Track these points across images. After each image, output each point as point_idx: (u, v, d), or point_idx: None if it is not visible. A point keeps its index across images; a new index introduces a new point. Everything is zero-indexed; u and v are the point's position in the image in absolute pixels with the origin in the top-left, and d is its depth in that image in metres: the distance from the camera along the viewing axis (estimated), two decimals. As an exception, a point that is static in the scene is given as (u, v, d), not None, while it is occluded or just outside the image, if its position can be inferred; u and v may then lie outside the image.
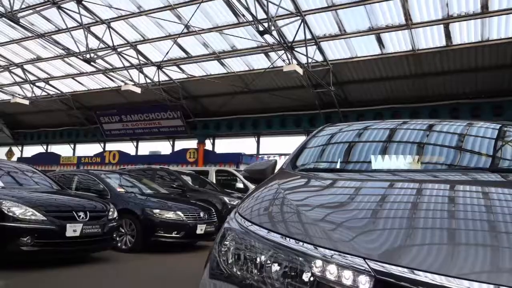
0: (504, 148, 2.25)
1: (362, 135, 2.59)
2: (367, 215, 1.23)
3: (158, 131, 21.47)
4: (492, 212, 1.19)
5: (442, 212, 1.20)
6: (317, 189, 1.63)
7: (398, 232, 1.08)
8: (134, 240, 7.27)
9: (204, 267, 1.37)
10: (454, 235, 1.03)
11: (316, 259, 1.02)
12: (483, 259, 0.91)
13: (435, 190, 1.49)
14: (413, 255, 0.95)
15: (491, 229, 1.04)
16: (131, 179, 9.36)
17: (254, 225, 1.25)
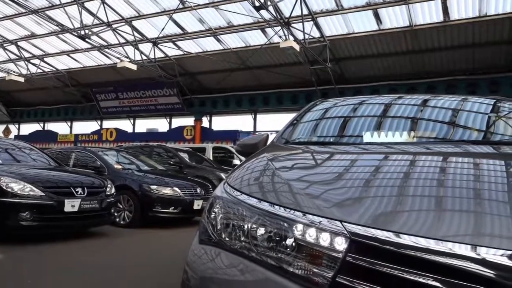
0: (496, 122, 2.31)
1: (354, 110, 2.64)
2: (351, 183, 1.29)
3: (155, 108, 21.44)
4: (479, 181, 1.23)
5: (426, 180, 1.26)
6: (304, 160, 1.69)
7: (379, 199, 1.14)
8: (132, 216, 7.39)
9: (195, 235, 1.45)
10: (436, 202, 1.09)
11: (297, 224, 1.08)
12: (460, 224, 0.97)
13: (422, 160, 1.54)
14: (390, 219, 1.01)
15: (476, 197, 1.09)
16: (128, 156, 9.43)
17: (242, 194, 1.32)
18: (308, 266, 1.02)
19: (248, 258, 1.14)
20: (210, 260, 1.26)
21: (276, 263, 1.07)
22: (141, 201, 7.39)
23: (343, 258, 0.96)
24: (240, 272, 1.13)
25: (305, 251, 1.04)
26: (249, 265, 1.12)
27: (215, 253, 1.26)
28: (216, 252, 1.26)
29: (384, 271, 0.91)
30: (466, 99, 2.52)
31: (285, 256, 1.06)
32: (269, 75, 17.45)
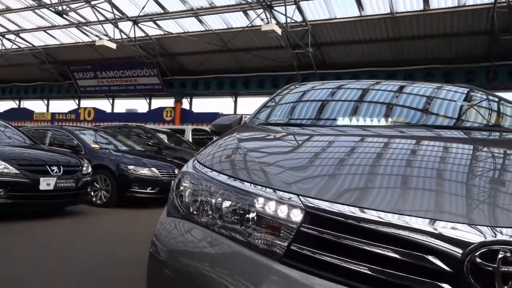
0: (465, 109, 2.42)
1: (326, 94, 2.71)
2: (313, 161, 1.36)
3: (134, 89, 21.16)
4: (444, 162, 1.30)
5: (388, 161, 1.33)
6: (272, 139, 1.76)
7: (339, 176, 1.21)
8: (109, 195, 7.40)
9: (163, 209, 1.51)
10: (393, 179, 1.16)
11: (259, 197, 1.15)
12: (412, 200, 1.04)
13: (389, 142, 1.60)
14: (344, 193, 1.09)
15: (438, 177, 1.16)
16: (106, 135, 9.36)
17: (209, 170, 1.38)
18: (267, 237, 1.09)
19: (214, 230, 1.21)
20: (179, 233, 1.32)
21: (240, 235, 1.14)
22: (118, 181, 7.39)
23: (297, 228, 1.04)
24: (208, 245, 1.20)
25: (265, 223, 1.11)
26: (216, 237, 1.19)
27: (183, 226, 1.32)
28: (184, 225, 1.32)
29: (333, 240, 0.99)
30: (438, 87, 2.62)
31: (248, 228, 1.13)
32: (251, 58, 17.39)
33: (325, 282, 0.95)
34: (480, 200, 1.02)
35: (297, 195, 1.10)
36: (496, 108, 2.48)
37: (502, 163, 1.33)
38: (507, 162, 1.35)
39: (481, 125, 2.20)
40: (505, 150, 1.51)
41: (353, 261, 0.95)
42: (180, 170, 1.50)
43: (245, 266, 1.07)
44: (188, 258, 1.21)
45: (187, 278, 1.17)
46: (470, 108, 2.44)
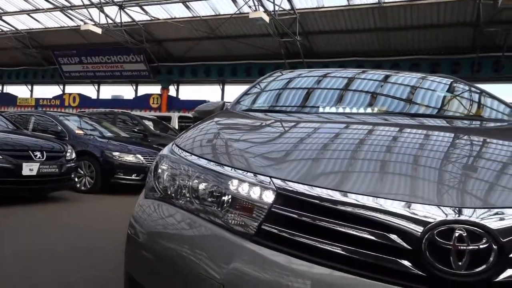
0: (446, 99, 2.48)
1: (309, 82, 2.75)
2: (288, 146, 1.40)
3: (121, 75, 20.92)
4: (416, 148, 1.34)
5: (363, 146, 1.37)
6: (250, 124, 1.79)
7: (312, 159, 1.25)
8: (93, 182, 7.37)
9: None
10: (365, 164, 1.20)
11: (233, 179, 1.19)
12: (379, 182, 1.09)
13: (366, 129, 1.64)
14: (316, 176, 1.13)
15: (414, 162, 1.20)
16: (91, 122, 9.28)
17: (187, 153, 1.41)
18: (241, 217, 1.13)
19: (192, 212, 1.24)
20: (158, 215, 1.34)
21: (216, 216, 1.17)
22: (103, 168, 7.37)
23: (269, 209, 1.08)
24: (185, 226, 1.23)
25: (239, 204, 1.15)
26: (193, 219, 1.22)
27: (161, 208, 1.35)
28: (162, 207, 1.35)
29: (301, 220, 1.03)
30: (421, 77, 2.67)
31: (223, 210, 1.17)
32: (238, 45, 17.31)
33: (292, 259, 0.99)
34: (443, 184, 1.07)
35: (270, 177, 1.14)
36: (475, 99, 2.55)
37: (473, 150, 1.39)
38: (479, 149, 1.41)
39: (460, 114, 2.26)
40: (479, 138, 1.57)
41: (318, 239, 1.00)
42: (158, 154, 1.53)
43: (219, 246, 1.11)
44: (166, 240, 1.24)
45: (166, 260, 1.21)
46: (450, 98, 2.50)
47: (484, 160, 1.25)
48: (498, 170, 1.16)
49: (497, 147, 1.44)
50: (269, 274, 1.00)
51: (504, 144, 1.49)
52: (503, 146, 1.46)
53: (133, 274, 1.33)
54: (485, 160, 1.25)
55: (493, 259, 0.90)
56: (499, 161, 1.25)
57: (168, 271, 1.18)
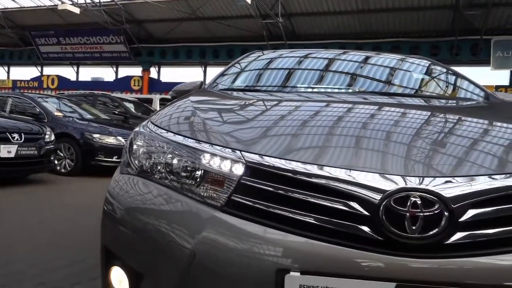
0: (419, 80, 2.55)
1: (289, 62, 2.78)
2: (259, 123, 1.45)
3: (100, 56, 20.53)
4: (386, 124, 1.39)
5: (333, 122, 1.42)
6: (224, 102, 1.83)
7: (282, 134, 1.30)
8: (74, 164, 7.32)
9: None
10: (333, 139, 1.26)
11: (205, 154, 1.23)
12: (343, 155, 1.15)
13: (338, 107, 1.69)
14: (283, 149, 1.18)
15: (376, 137, 1.25)
16: (70, 104, 9.15)
17: (161, 129, 1.44)
18: (213, 189, 1.17)
19: (166, 186, 1.28)
20: (133, 190, 1.37)
21: (189, 189, 1.22)
22: (83, 150, 7.31)
23: (238, 180, 1.13)
24: (161, 199, 1.26)
25: (210, 177, 1.20)
26: (167, 192, 1.26)
27: (137, 183, 1.38)
28: (139, 182, 1.38)
29: (268, 190, 1.09)
30: (397, 58, 2.73)
31: (196, 183, 1.21)
32: (220, 27, 17.13)
33: (257, 227, 1.05)
34: (402, 156, 1.14)
35: (240, 151, 1.19)
36: (447, 80, 2.62)
37: (436, 126, 1.45)
38: (441, 125, 1.47)
39: (430, 93, 2.34)
40: (445, 115, 1.63)
41: (284, 208, 1.05)
42: (133, 131, 1.56)
43: (191, 217, 1.16)
44: (141, 213, 1.28)
45: (140, 231, 1.25)
46: (423, 78, 2.58)
47: (444, 135, 1.32)
48: (454, 143, 1.23)
49: (459, 123, 1.52)
50: (236, 241, 1.05)
51: (466, 120, 1.57)
52: (465, 123, 1.54)
53: (109, 247, 1.37)
54: (444, 135, 1.32)
55: (444, 224, 0.97)
56: (457, 135, 1.32)
57: (143, 242, 1.23)
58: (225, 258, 1.05)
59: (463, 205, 0.99)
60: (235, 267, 1.03)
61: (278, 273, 0.99)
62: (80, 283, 2.38)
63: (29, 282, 2.34)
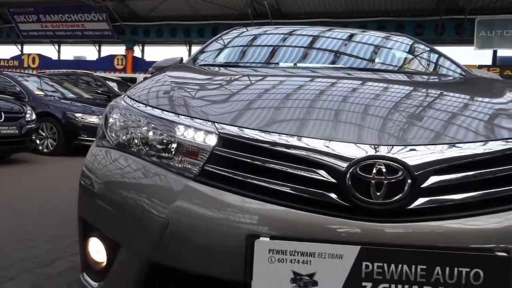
0: (406, 57, 2.58)
1: (269, 39, 2.78)
2: (235, 95, 1.47)
3: (82, 34, 20.10)
4: (366, 98, 1.40)
5: (307, 95, 1.44)
6: (201, 77, 1.84)
7: (256, 107, 1.32)
8: (56, 144, 7.26)
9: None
10: (306, 110, 1.28)
11: (180, 125, 1.25)
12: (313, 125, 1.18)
13: (316, 82, 1.71)
14: (255, 120, 1.21)
15: (354, 110, 1.27)
16: (51, 83, 9.00)
17: (136, 102, 1.45)
18: (187, 160, 1.20)
19: (141, 158, 1.29)
20: (109, 163, 1.38)
21: (164, 160, 1.23)
22: (65, 129, 7.25)
23: (211, 151, 1.15)
24: (137, 171, 1.27)
25: (185, 148, 1.22)
26: (143, 164, 1.27)
27: (113, 156, 1.38)
28: (114, 154, 1.39)
29: (241, 160, 1.11)
30: (380, 36, 2.75)
31: (171, 154, 1.23)
32: (205, 5, 16.87)
33: (229, 195, 1.08)
34: (368, 126, 1.17)
35: (213, 122, 1.21)
36: (426, 57, 2.66)
37: (407, 98, 1.48)
38: (412, 98, 1.50)
39: (407, 69, 2.39)
40: (417, 89, 1.66)
41: (254, 177, 1.08)
42: (109, 105, 1.56)
43: (165, 186, 1.18)
44: (117, 185, 1.29)
45: (117, 202, 1.26)
46: (401, 54, 2.61)
47: (413, 107, 1.36)
48: (422, 114, 1.27)
49: (430, 97, 1.55)
50: (208, 209, 1.08)
51: (438, 94, 1.61)
52: (436, 96, 1.58)
53: (86, 218, 1.39)
54: (414, 107, 1.36)
55: (407, 190, 1.01)
56: (427, 107, 1.36)
57: (119, 212, 1.25)
58: (197, 225, 1.08)
59: (425, 172, 1.03)
60: (206, 235, 1.07)
61: (249, 238, 1.03)
62: (63, 258, 2.40)
63: (10, 258, 2.35)
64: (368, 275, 0.99)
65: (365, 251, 0.99)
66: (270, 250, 1.01)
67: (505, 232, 1.02)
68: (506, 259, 0.98)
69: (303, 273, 1.00)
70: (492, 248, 1.00)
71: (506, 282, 0.98)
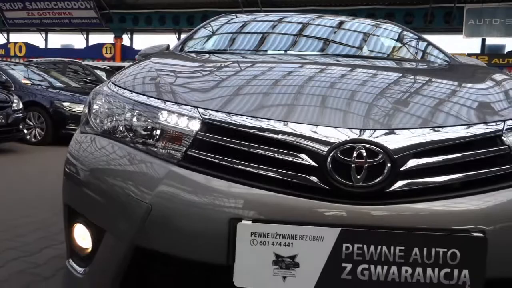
0: (393, 44, 2.59)
1: (257, 26, 2.77)
2: (220, 81, 1.47)
3: (69, 22, 19.78)
4: (350, 84, 1.42)
5: (292, 81, 1.44)
6: (185, 63, 1.83)
7: (239, 93, 1.33)
8: (44, 133, 7.20)
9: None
10: (288, 96, 1.29)
11: (163, 111, 1.25)
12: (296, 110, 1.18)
13: (299, 68, 1.71)
14: (238, 105, 1.22)
15: (337, 96, 1.28)
16: (39, 71, 8.89)
17: (121, 89, 1.44)
18: (170, 146, 1.20)
19: (126, 144, 1.29)
20: (93, 149, 1.37)
21: (148, 146, 1.24)
22: (53, 119, 7.19)
23: (194, 136, 1.16)
24: (121, 157, 1.26)
25: (169, 133, 1.22)
26: (127, 150, 1.27)
27: (98, 142, 1.37)
28: (99, 141, 1.38)
29: (223, 145, 1.12)
30: (362, 22, 2.76)
31: (155, 140, 1.23)
32: (194, -8, 16.71)
33: (212, 179, 1.09)
34: (351, 111, 1.18)
35: (196, 107, 1.21)
36: (411, 43, 2.68)
37: (390, 84, 1.49)
38: (394, 83, 1.51)
39: (393, 56, 2.41)
40: (400, 75, 1.67)
41: (238, 161, 1.09)
42: (92, 91, 1.55)
43: (149, 172, 1.18)
44: (102, 171, 1.28)
45: (101, 188, 1.26)
46: (387, 41, 2.62)
47: (395, 92, 1.37)
48: (404, 99, 1.29)
49: (413, 82, 1.57)
50: (191, 193, 1.09)
51: (421, 79, 1.62)
52: (419, 82, 1.59)
53: (71, 205, 1.39)
54: (396, 92, 1.37)
55: (386, 172, 1.03)
56: (408, 92, 1.38)
57: (104, 198, 1.25)
58: (180, 210, 1.09)
59: (404, 156, 1.04)
60: (189, 219, 1.08)
61: (231, 222, 1.04)
62: (51, 246, 2.40)
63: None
64: (348, 256, 1.01)
65: (345, 233, 1.00)
66: (252, 233, 1.02)
67: (481, 213, 1.04)
68: (481, 240, 1.01)
69: (284, 255, 1.02)
70: (468, 229, 1.03)
71: (482, 261, 1.01)
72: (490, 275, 1.02)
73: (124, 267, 1.19)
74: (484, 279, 1.01)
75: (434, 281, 1.01)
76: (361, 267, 1.01)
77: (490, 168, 1.09)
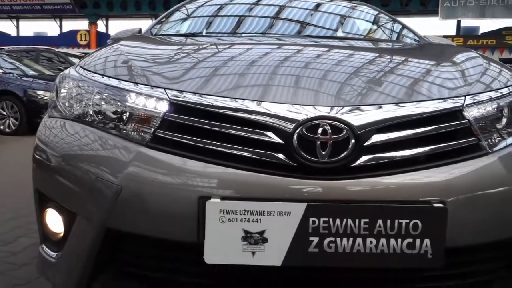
0: (347, 21, 2.61)
1: (230, 8, 2.74)
2: (186, 63, 1.48)
3: (41, 9, 19.23)
4: (318, 63, 1.44)
5: (259, 61, 1.45)
6: (154, 46, 1.81)
7: (207, 74, 1.33)
8: (18, 123, 7.05)
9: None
10: (257, 76, 1.30)
11: (131, 93, 1.25)
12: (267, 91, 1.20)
13: (270, 49, 1.71)
14: (205, 86, 1.22)
15: (304, 74, 1.30)
16: (11, 60, 8.64)
17: (89, 72, 1.43)
18: (139, 127, 1.20)
19: (94, 127, 1.29)
20: (62, 133, 1.36)
21: (117, 128, 1.23)
22: (27, 108, 7.03)
23: (162, 117, 1.16)
24: (90, 139, 1.26)
25: (137, 115, 1.22)
26: (96, 132, 1.27)
27: (66, 126, 1.35)
28: (67, 125, 1.36)
29: (191, 125, 1.13)
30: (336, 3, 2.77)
31: (124, 122, 1.23)
32: (170, -24, 16.40)
33: (181, 159, 1.10)
34: (317, 89, 1.21)
35: (164, 88, 1.22)
36: (382, 24, 2.71)
37: (357, 63, 1.52)
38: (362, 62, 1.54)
39: (361, 36, 2.45)
40: (368, 55, 1.70)
41: (206, 141, 1.11)
42: (59, 75, 1.53)
43: (118, 153, 1.19)
44: (71, 155, 1.28)
45: (70, 172, 1.26)
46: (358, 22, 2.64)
47: (362, 70, 1.40)
48: (369, 76, 1.32)
49: (379, 61, 1.59)
50: (160, 173, 1.10)
51: (388, 58, 1.65)
52: (385, 60, 1.62)
53: (42, 190, 1.39)
54: (362, 70, 1.40)
55: (351, 148, 1.05)
56: (374, 70, 1.41)
57: (73, 182, 1.25)
58: (149, 190, 1.10)
59: (368, 131, 1.07)
60: (159, 199, 1.09)
61: (200, 200, 1.05)
62: (26, 235, 2.38)
63: (-29, 237, 2.32)
64: (314, 230, 1.04)
65: (311, 208, 1.03)
66: (221, 211, 1.04)
67: (441, 185, 1.08)
68: (442, 210, 1.05)
69: (253, 231, 1.04)
70: (429, 200, 1.07)
71: (442, 230, 1.05)
72: (450, 244, 1.07)
73: (96, 249, 1.19)
74: (444, 248, 1.06)
75: (397, 251, 1.05)
76: (328, 240, 1.04)
77: (450, 142, 1.13)
